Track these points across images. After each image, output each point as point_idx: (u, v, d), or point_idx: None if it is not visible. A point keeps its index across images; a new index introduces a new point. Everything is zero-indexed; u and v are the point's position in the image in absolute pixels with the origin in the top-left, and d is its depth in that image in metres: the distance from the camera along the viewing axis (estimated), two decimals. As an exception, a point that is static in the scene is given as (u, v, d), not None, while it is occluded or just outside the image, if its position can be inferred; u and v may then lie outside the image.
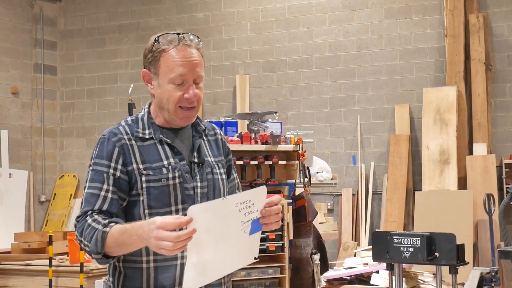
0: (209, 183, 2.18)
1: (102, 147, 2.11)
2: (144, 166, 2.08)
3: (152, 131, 2.14)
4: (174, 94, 2.09)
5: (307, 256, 5.11)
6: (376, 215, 8.45)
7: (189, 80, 2.09)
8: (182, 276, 2.03)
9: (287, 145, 5.28)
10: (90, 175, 2.10)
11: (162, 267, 2.06)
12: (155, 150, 2.12)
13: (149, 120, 2.16)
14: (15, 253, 7.54)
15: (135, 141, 2.11)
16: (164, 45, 2.10)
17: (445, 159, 7.73)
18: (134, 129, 2.14)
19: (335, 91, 8.86)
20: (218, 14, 9.48)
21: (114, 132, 2.12)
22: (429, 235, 2.71)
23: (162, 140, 2.13)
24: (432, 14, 8.55)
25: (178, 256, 2.06)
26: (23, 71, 9.70)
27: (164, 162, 2.10)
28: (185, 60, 2.08)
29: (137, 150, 2.10)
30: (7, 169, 9.21)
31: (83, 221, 2.02)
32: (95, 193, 2.06)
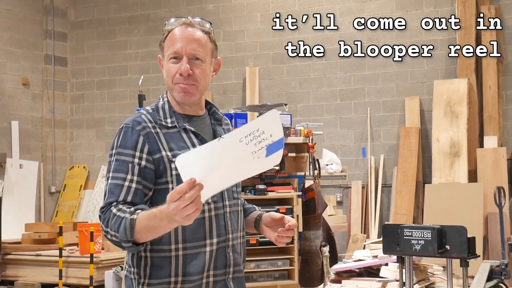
0: None
1: (125, 136, 2.08)
2: (173, 154, 2.06)
3: (174, 119, 2.13)
4: (171, 71, 2.10)
5: (317, 249, 5.11)
6: (385, 208, 8.44)
7: (182, 55, 2.09)
8: (211, 263, 2.07)
9: (297, 137, 5.27)
10: (113, 165, 2.07)
11: (191, 255, 2.06)
12: (181, 138, 2.10)
13: (170, 109, 2.15)
14: (26, 243, 7.60)
15: (159, 129, 2.10)
16: (169, 26, 2.14)
17: (455, 152, 7.69)
18: (157, 118, 2.12)
19: (345, 83, 8.83)
20: (228, 5, 9.46)
21: (138, 120, 2.09)
22: (440, 228, 2.70)
23: (186, 127, 2.12)
24: (443, 6, 8.49)
25: (207, 243, 2.07)
26: (33, 62, 9.73)
27: (191, 149, 2.05)
28: (181, 36, 2.09)
29: (163, 138, 2.08)
30: (17, 160, 9.26)
31: (107, 212, 2.00)
32: (119, 183, 2.04)
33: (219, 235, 2.09)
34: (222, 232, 2.10)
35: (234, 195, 2.19)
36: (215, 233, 2.08)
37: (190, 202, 1.74)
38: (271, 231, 2.16)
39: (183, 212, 1.75)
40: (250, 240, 4.94)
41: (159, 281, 2.05)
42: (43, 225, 8.09)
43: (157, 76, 9.56)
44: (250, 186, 5.08)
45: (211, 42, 2.18)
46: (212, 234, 2.08)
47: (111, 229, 1.98)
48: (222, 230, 2.10)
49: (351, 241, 7.92)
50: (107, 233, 2.00)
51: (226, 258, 2.11)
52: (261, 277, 5.05)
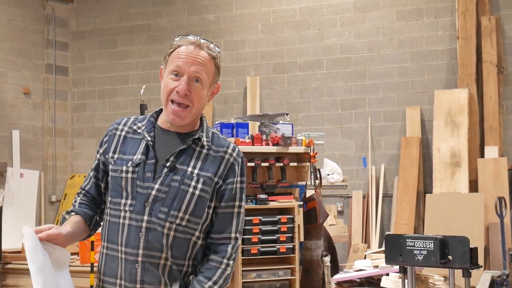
0: (171, 190, 2.09)
1: (105, 133, 2.32)
2: (117, 156, 2.18)
3: (144, 127, 2.18)
4: (168, 86, 2.11)
5: (318, 258, 5.10)
6: (386, 218, 8.43)
7: (183, 74, 2.09)
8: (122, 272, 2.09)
9: (298, 147, 5.27)
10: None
11: (109, 256, 2.15)
12: (137, 145, 2.17)
13: (150, 118, 2.22)
14: (26, 252, 7.56)
15: (127, 132, 2.21)
16: (177, 42, 2.16)
17: (456, 162, 7.69)
18: (135, 122, 2.23)
19: (346, 93, 8.85)
20: (229, 15, 9.49)
21: (117, 122, 2.27)
22: (442, 238, 2.70)
23: (145, 137, 2.16)
24: (444, 16, 8.52)
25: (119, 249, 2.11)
26: (35, 71, 9.74)
27: (134, 157, 2.14)
28: (186, 55, 2.10)
29: (121, 141, 2.20)
30: (18, 169, 9.25)
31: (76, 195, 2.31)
32: (89, 173, 2.32)
33: (127, 245, 2.08)
34: (131, 244, 2.07)
35: (160, 215, 2.08)
36: (124, 242, 2.09)
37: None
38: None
39: None
40: (251, 250, 4.94)
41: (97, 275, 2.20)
42: (44, 234, 8.06)
43: (158, 86, 9.51)
44: (252, 195, 5.08)
45: (215, 66, 2.19)
46: (122, 241, 2.10)
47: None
48: (131, 242, 2.08)
49: (352, 251, 7.91)
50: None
51: (132, 273, 2.07)
52: (262, 287, 5.04)
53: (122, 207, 2.12)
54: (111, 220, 2.15)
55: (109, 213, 2.16)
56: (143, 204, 2.09)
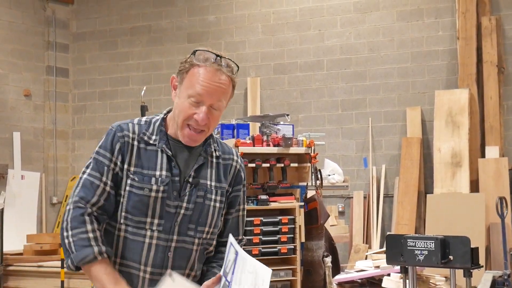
0: (197, 207, 2.09)
1: (107, 138, 2.10)
2: (134, 170, 2.05)
3: (158, 138, 2.09)
4: (186, 110, 2.03)
5: (319, 259, 5.11)
6: (387, 218, 8.43)
7: (205, 103, 2.03)
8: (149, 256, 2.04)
9: (299, 147, 5.27)
10: (92, 163, 2.09)
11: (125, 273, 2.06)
12: (153, 158, 2.07)
13: (159, 127, 2.11)
14: (27, 254, 7.59)
15: (138, 142, 2.08)
16: (197, 61, 2.06)
17: (457, 162, 7.70)
18: (143, 131, 2.10)
19: (347, 93, 8.86)
20: (230, 16, 9.50)
21: (122, 127, 2.10)
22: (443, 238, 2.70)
23: (164, 149, 2.08)
24: (444, 17, 8.52)
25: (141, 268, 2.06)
26: (35, 73, 9.75)
27: (157, 173, 2.05)
28: (208, 82, 2.03)
29: (135, 151, 2.06)
30: (19, 171, 9.26)
31: (79, 218, 2.00)
32: (95, 182, 2.05)
33: (153, 266, 2.05)
34: (158, 263, 2.05)
35: (189, 233, 2.09)
36: (150, 262, 2.05)
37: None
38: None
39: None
40: (252, 251, 4.94)
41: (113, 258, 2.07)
42: (45, 236, 8.08)
43: (158, 87, 9.57)
44: (253, 196, 5.09)
45: (232, 88, 2.15)
46: (147, 262, 2.05)
47: (73, 236, 1.98)
48: (158, 262, 2.06)
49: (353, 251, 7.91)
50: (66, 231, 1.99)
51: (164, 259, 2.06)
52: (264, 288, 5.03)
53: (148, 226, 2.03)
54: (131, 238, 2.05)
55: (126, 230, 2.06)
56: (172, 223, 2.05)
